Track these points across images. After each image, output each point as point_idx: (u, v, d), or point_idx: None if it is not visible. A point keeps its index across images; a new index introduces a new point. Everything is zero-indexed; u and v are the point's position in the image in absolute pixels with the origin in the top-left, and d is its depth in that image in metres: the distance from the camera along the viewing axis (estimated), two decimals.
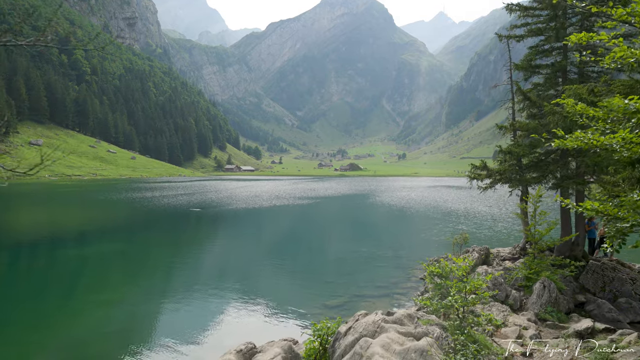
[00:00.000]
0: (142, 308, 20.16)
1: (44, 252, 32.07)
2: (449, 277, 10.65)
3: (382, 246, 36.35)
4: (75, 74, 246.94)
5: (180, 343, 15.66)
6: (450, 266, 10.65)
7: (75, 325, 17.94)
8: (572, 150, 17.87)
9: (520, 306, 15.54)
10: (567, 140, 8.18)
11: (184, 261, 30.36)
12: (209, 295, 21.66)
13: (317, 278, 25.89)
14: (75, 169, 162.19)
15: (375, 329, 9.21)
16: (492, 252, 22.97)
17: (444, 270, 10.63)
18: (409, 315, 9.98)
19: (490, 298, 13.87)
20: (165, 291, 22.66)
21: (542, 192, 16.92)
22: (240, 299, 21.13)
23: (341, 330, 10.01)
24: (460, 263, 10.03)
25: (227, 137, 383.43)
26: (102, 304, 20.39)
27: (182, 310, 19.71)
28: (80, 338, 16.48)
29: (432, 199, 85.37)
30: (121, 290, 23.10)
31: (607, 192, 9.20)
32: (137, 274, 26.66)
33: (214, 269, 28.99)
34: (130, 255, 32.22)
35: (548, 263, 16.76)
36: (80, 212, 58.34)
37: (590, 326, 12.02)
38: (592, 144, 7.69)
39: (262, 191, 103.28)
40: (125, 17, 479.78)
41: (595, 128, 7.93)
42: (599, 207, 7.77)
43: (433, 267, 11.14)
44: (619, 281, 17.39)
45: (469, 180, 20.78)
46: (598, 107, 8.06)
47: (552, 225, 17.04)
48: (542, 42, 19.82)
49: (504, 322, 12.93)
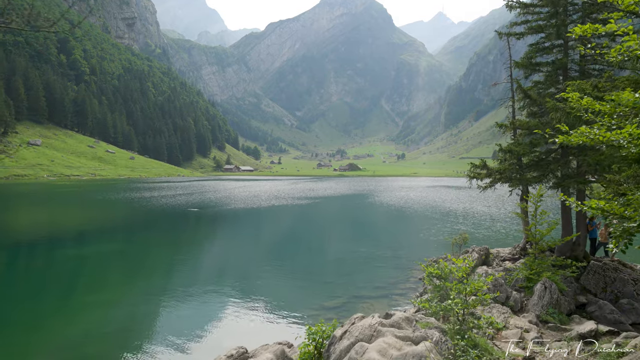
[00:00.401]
0: (133, 309, 19.89)
1: (41, 252, 31.84)
2: (448, 278, 10.32)
3: (381, 246, 36.06)
4: (74, 74, 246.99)
5: (174, 345, 15.41)
6: (450, 267, 10.29)
7: (71, 325, 17.84)
8: (574, 149, 17.63)
9: (521, 307, 15.24)
10: (571, 136, 7.86)
11: (180, 261, 30.07)
12: (205, 296, 21.39)
13: (315, 278, 25.60)
14: (74, 169, 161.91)
15: (371, 333, 8.91)
16: (492, 252, 22.69)
17: (443, 272, 10.23)
18: (407, 318, 9.69)
19: (491, 300, 13.61)
20: (160, 291, 22.34)
21: (543, 191, 16.61)
22: (237, 299, 20.87)
23: (336, 334, 9.71)
24: (460, 264, 9.73)
25: (226, 137, 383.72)
26: (99, 305, 20.12)
27: (177, 311, 19.44)
28: (77, 339, 16.38)
29: (431, 199, 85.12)
30: (116, 290, 22.83)
31: (612, 190, 8.87)
32: (133, 274, 26.38)
33: (211, 269, 28.71)
34: (127, 256, 31.93)
35: (549, 263, 16.45)
36: (78, 212, 58.01)
37: (594, 329, 11.72)
38: (598, 139, 7.38)
39: (261, 191, 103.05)
40: (124, 17, 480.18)
41: (601, 124, 7.62)
42: (605, 205, 7.45)
43: (432, 268, 10.74)
44: (620, 282, 17.13)
45: (469, 179, 20.47)
46: (604, 102, 7.75)
47: (553, 225, 16.71)
48: (543, 39, 19.52)
49: (505, 324, 12.63)
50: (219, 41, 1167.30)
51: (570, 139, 7.89)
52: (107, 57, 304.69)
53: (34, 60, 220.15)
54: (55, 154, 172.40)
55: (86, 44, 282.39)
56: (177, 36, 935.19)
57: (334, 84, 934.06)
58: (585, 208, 7.78)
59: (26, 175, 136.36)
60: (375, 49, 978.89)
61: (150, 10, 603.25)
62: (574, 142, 7.80)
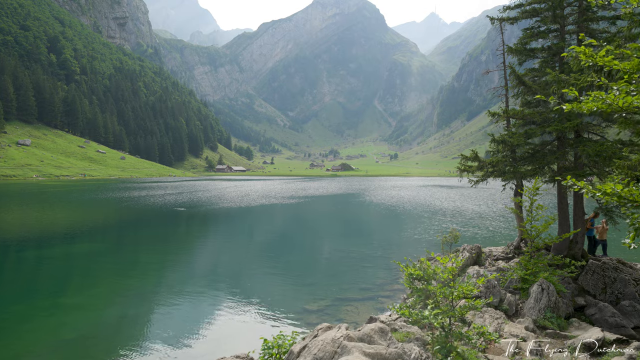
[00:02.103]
0: (106, 312, 18.74)
1: (26, 253, 30.59)
2: (432, 280, 8.97)
3: (370, 245, 34.90)
4: (65, 74, 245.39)
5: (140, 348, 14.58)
6: (434, 267, 8.90)
7: (61, 327, 17.18)
8: (571, 140, 16.43)
9: (516, 311, 13.98)
10: (583, 103, 6.56)
11: (157, 261, 28.81)
12: (181, 299, 20.19)
13: (299, 280, 24.35)
14: (63, 169, 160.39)
15: (334, 349, 7.49)
16: (484, 251, 21.32)
17: (425, 273, 8.85)
18: (381, 330, 8.24)
19: (484, 305, 12.31)
20: (134, 293, 21.14)
21: (540, 184, 15.29)
22: (215, 302, 19.85)
23: (294, 349, 8.35)
24: (447, 263, 8.35)
25: (219, 138, 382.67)
26: (82, 306, 19.45)
27: (148, 313, 18.41)
28: (66, 340, 15.79)
29: (423, 198, 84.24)
30: (89, 293, 21.61)
31: (625, 175, 7.59)
32: (109, 275, 25.08)
33: (191, 270, 27.39)
34: (106, 256, 30.59)
35: (545, 263, 15.19)
36: (63, 212, 56.54)
37: (600, 337, 10.46)
38: (616, 106, 6.10)
39: (251, 191, 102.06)
40: (116, 17, 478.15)
41: (617, 89, 6.32)
42: (623, 191, 6.18)
43: (412, 269, 9.29)
44: (621, 282, 16.00)
45: (459, 172, 19.19)
46: (625, 58, 6.47)
47: (550, 220, 15.38)
48: (538, 22, 18.30)
49: (499, 331, 11.30)
50: (211, 41, 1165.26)
51: (581, 106, 6.57)
52: (98, 56, 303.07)
53: (24, 59, 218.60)
54: (44, 154, 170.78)
55: (77, 44, 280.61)
56: (170, 36, 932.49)
57: (326, 84, 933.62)
58: (598, 194, 6.47)
59: (15, 175, 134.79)
60: (368, 50, 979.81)
61: (142, 10, 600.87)
62: (586, 109, 6.49)
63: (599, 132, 17.04)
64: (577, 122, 14.93)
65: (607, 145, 14.63)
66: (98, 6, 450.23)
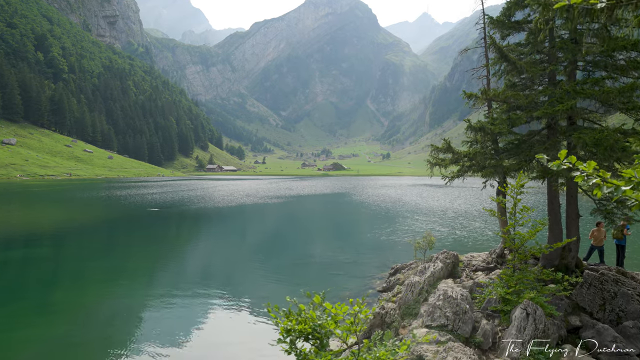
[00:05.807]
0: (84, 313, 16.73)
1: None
2: (328, 338, 5.51)
3: (345, 250, 32.05)
4: (52, 72, 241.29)
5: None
6: (323, 321, 5.26)
7: (50, 329, 16.46)
8: (564, 127, 13.68)
9: (493, 344, 11.06)
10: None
11: (127, 265, 25.98)
12: (152, 302, 17.56)
13: (254, 291, 21.47)
14: (48, 169, 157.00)
15: None
16: (463, 259, 18.27)
17: (315, 329, 5.20)
18: None
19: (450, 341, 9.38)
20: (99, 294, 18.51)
21: (525, 180, 12.33)
22: (186, 302, 17.33)
23: None
24: (344, 312, 5.17)
25: (210, 137, 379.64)
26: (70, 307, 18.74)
27: (127, 315, 17.80)
28: (56, 343, 15.22)
29: (411, 197, 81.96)
30: (75, 293, 19.06)
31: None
32: (71, 278, 22.40)
33: (157, 272, 24.62)
34: (73, 258, 27.78)
35: (532, 278, 12.27)
36: (40, 212, 53.73)
37: None
38: None
39: (236, 190, 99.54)
40: (106, 16, 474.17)
41: None
42: None
43: (291, 319, 5.43)
44: (623, 297, 13.33)
45: (429, 167, 16.34)
46: None
47: (539, 226, 12.43)
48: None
49: None
50: (203, 40, 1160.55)
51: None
52: (87, 55, 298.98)
53: (10, 57, 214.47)
54: (30, 153, 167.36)
55: (65, 42, 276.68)
56: (161, 35, 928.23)
57: (319, 83, 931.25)
58: (625, 189, 3.57)
59: None
60: (361, 49, 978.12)
61: (133, 9, 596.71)
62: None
63: (596, 120, 14.29)
64: (571, 105, 11.99)
65: (608, 132, 11.86)
66: (88, 4, 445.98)
